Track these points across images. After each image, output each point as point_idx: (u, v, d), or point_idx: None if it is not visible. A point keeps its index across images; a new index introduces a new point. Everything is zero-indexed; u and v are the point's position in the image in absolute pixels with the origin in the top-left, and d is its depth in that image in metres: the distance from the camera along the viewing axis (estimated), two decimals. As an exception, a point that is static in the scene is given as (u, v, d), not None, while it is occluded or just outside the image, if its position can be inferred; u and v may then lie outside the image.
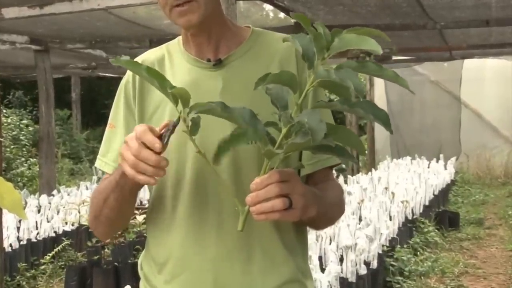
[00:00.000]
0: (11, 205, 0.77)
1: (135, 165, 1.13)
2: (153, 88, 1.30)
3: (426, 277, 5.19)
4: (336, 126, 1.10)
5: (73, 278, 4.76)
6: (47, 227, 5.92)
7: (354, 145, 1.10)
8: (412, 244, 5.91)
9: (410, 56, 11.63)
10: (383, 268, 4.73)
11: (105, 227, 1.36)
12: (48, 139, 8.02)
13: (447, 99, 12.45)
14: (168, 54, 1.38)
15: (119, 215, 1.32)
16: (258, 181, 1.08)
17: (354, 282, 4.05)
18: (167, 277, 1.32)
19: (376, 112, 1.01)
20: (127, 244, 5.19)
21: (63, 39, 8.00)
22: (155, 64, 1.37)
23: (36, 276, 5.35)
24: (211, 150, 1.11)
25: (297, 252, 1.35)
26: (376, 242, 4.61)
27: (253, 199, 1.08)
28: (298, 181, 1.12)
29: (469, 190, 10.16)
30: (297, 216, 1.11)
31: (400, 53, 10.69)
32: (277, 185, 1.07)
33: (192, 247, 1.29)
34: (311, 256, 3.75)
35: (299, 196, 1.10)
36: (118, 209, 1.30)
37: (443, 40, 8.85)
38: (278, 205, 1.07)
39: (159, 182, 1.31)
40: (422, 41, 9.04)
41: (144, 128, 1.14)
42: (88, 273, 4.77)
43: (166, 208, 1.32)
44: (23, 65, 10.54)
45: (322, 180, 1.33)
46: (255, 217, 1.08)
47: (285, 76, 1.05)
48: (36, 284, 5.20)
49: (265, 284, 1.30)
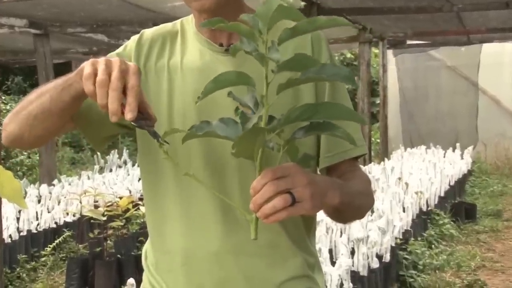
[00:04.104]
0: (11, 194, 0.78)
1: (101, 84, 1.08)
2: (163, 58, 1.30)
3: (441, 271, 5.19)
4: (324, 103, 1.09)
5: (74, 271, 4.80)
6: (48, 217, 5.96)
7: (348, 117, 1.09)
8: (427, 236, 5.90)
9: (426, 41, 11.57)
10: (396, 262, 4.74)
11: (17, 126, 1.27)
12: (48, 127, 8.04)
13: (464, 85, 12.38)
14: (181, 31, 1.38)
15: (41, 117, 1.24)
16: (254, 185, 1.06)
17: (366, 276, 4.06)
18: (170, 267, 1.33)
19: (339, 71, 1.03)
20: (130, 235, 5.23)
21: (63, 23, 8.00)
22: (167, 38, 1.37)
23: (37, 268, 5.39)
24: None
25: (305, 246, 1.35)
26: (388, 234, 4.61)
27: (254, 204, 1.06)
28: (300, 173, 1.08)
29: (486, 180, 10.12)
30: (309, 207, 1.08)
31: (415, 37, 10.63)
32: (272, 183, 1.05)
33: (196, 239, 1.30)
34: (321, 249, 3.76)
35: (303, 187, 1.07)
36: (46, 110, 1.22)
37: (461, 23, 8.80)
38: (278, 204, 1.05)
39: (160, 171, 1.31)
40: (438, 25, 8.98)
41: (137, 83, 1.10)
42: (90, 266, 4.80)
43: (168, 198, 1.32)
44: (22, 50, 10.55)
45: (346, 171, 1.32)
46: (264, 221, 1.06)
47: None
48: (36, 276, 5.24)
49: (272, 279, 1.30)
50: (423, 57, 12.36)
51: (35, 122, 1.25)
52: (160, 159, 1.22)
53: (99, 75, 1.09)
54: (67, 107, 1.22)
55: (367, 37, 9.42)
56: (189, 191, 1.29)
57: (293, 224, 1.31)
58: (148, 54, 1.36)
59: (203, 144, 1.27)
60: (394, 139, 11.94)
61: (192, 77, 1.30)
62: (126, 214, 4.99)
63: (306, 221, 1.34)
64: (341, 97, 1.33)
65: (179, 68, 1.33)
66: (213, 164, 1.28)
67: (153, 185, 1.35)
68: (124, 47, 1.39)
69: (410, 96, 12.35)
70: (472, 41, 10.85)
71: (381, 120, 10.57)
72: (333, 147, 1.32)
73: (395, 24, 9.00)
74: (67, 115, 1.26)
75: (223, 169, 1.27)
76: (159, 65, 1.35)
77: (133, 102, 1.09)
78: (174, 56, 1.35)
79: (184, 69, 1.32)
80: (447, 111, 12.40)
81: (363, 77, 9.35)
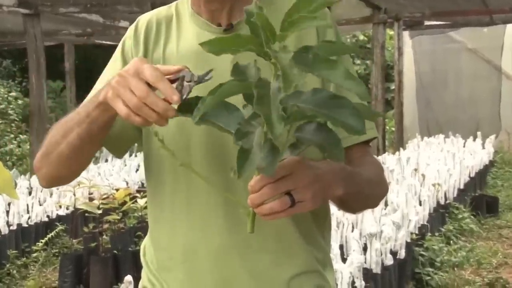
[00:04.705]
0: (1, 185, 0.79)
1: (137, 107, 1.10)
2: (158, 48, 1.30)
3: (460, 268, 5.20)
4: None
5: (68, 267, 4.82)
6: (39, 211, 5.98)
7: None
8: (445, 232, 5.90)
9: (445, 21, 11.50)
10: (411, 258, 4.74)
11: (52, 168, 1.33)
12: (40, 114, 8.06)
13: (486, 69, 12.33)
14: (176, 14, 1.39)
15: (74, 156, 1.29)
16: (251, 184, 1.08)
17: (379, 274, 4.07)
18: (170, 264, 1.34)
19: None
20: (127, 230, 5.24)
21: (55, 2, 8.00)
22: (162, 24, 1.38)
23: (28, 264, 5.41)
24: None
25: (315, 240, 1.36)
26: (404, 229, 4.62)
27: (251, 202, 1.08)
28: (302, 170, 1.09)
29: (510, 171, 10.10)
30: (310, 207, 1.10)
31: (433, 17, 10.57)
32: (271, 186, 1.06)
33: (198, 234, 1.30)
34: (331, 245, 3.76)
35: (305, 188, 1.08)
36: (77, 148, 1.27)
37: (483, 2, 8.75)
38: (276, 206, 1.06)
39: (160, 162, 1.32)
40: (459, 4, 8.94)
41: (156, 72, 1.11)
42: (84, 262, 4.82)
43: (168, 190, 1.33)
44: (11, 31, 10.56)
45: (356, 157, 1.32)
46: (262, 218, 1.08)
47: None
48: (27, 273, 5.27)
49: (279, 275, 1.31)
50: (442, 39, 12.30)
51: (69, 161, 1.31)
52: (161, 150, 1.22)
53: (128, 101, 1.10)
54: (98, 137, 1.27)
55: (381, 18, 9.37)
56: (190, 184, 1.29)
57: (301, 216, 1.30)
58: (145, 44, 1.37)
59: (203, 133, 1.27)
60: (410, 127, 11.92)
61: (189, 63, 1.30)
62: (123, 207, 5.01)
63: (316, 213, 1.34)
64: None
65: (175, 55, 1.34)
66: (214, 154, 1.28)
67: (154, 176, 1.36)
68: (123, 44, 1.41)
69: (428, 81, 12.31)
70: (495, 21, 10.77)
71: (396, 107, 10.54)
72: (341, 130, 1.32)
73: (411, 3, 8.95)
74: (99, 143, 1.31)
75: (225, 160, 1.27)
76: (155, 55, 1.36)
77: (166, 88, 1.10)
78: (170, 43, 1.36)
79: (180, 55, 1.33)
80: (467, 97, 12.36)
81: (377, 61, 9.32)
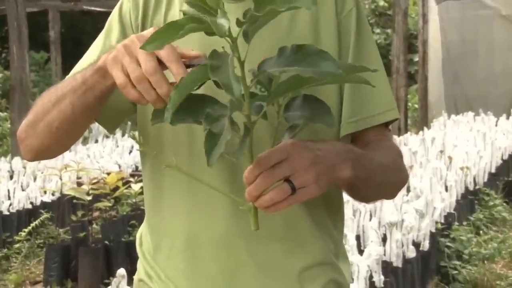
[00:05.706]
0: (-21, 168, 0.79)
1: (138, 80, 1.10)
2: (159, 14, 1.32)
3: (491, 261, 5.21)
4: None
5: (54, 259, 4.85)
6: (22, 197, 6.01)
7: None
8: (474, 221, 5.91)
9: (476, -16, 11.43)
10: (436, 250, 4.76)
11: (39, 140, 1.32)
12: (22, 88, 8.08)
13: (522, 39, 12.27)
14: None
15: (64, 127, 1.29)
16: (246, 175, 1.08)
17: (400, 267, 4.08)
18: (169, 253, 1.35)
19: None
20: (119, 218, 5.27)
21: (38, -37, 7.98)
22: None
23: (9, 256, 5.45)
24: None
25: (328, 230, 1.37)
26: (428, 218, 4.62)
27: (248, 195, 1.08)
28: (299, 152, 1.09)
29: (547, 154, 10.08)
30: (315, 191, 1.10)
31: (462, -20, 10.51)
32: (266, 174, 1.06)
33: (201, 220, 1.31)
34: (347, 235, 3.77)
35: (305, 171, 1.08)
36: (68, 119, 1.27)
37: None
38: (275, 196, 1.06)
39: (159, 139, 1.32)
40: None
41: (174, 52, 1.10)
42: (72, 253, 4.85)
43: (167, 172, 1.33)
44: (-11, -4, 10.55)
45: (373, 140, 1.32)
46: (264, 211, 1.09)
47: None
48: (9, 266, 5.31)
49: (289, 266, 1.32)
50: (472, 5, 12.20)
51: (59, 133, 1.30)
52: (159, 126, 1.23)
53: (131, 71, 1.11)
54: (93, 109, 1.26)
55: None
56: (192, 164, 1.29)
57: (312, 202, 1.29)
58: (144, 8, 1.37)
59: None
60: (436, 104, 11.89)
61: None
62: (115, 193, 5.03)
63: (328, 200, 1.34)
64: (368, 52, 1.34)
65: None
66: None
67: (151, 156, 1.36)
68: (120, 7, 1.40)
69: (456, 53, 12.24)
70: (532, -15, 10.70)
71: (420, 81, 10.52)
72: (358, 110, 1.31)
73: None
74: (93, 116, 1.31)
75: None
76: (155, 21, 1.36)
77: (180, 73, 1.09)
78: (172, 9, 1.36)
79: None
80: (500, 70, 12.30)
81: (399, 29, 9.28)
